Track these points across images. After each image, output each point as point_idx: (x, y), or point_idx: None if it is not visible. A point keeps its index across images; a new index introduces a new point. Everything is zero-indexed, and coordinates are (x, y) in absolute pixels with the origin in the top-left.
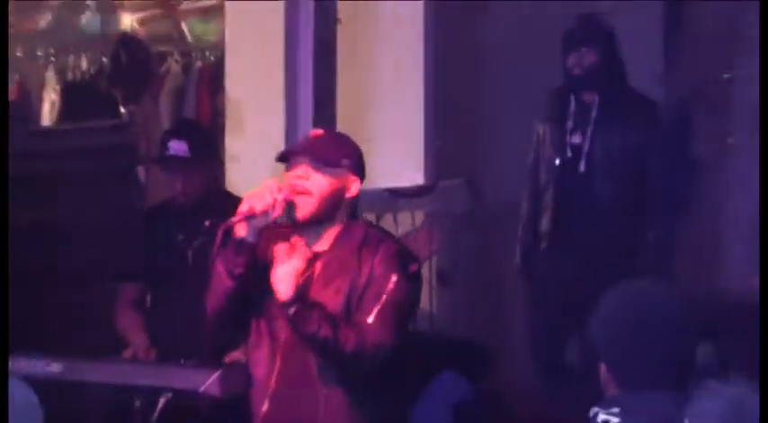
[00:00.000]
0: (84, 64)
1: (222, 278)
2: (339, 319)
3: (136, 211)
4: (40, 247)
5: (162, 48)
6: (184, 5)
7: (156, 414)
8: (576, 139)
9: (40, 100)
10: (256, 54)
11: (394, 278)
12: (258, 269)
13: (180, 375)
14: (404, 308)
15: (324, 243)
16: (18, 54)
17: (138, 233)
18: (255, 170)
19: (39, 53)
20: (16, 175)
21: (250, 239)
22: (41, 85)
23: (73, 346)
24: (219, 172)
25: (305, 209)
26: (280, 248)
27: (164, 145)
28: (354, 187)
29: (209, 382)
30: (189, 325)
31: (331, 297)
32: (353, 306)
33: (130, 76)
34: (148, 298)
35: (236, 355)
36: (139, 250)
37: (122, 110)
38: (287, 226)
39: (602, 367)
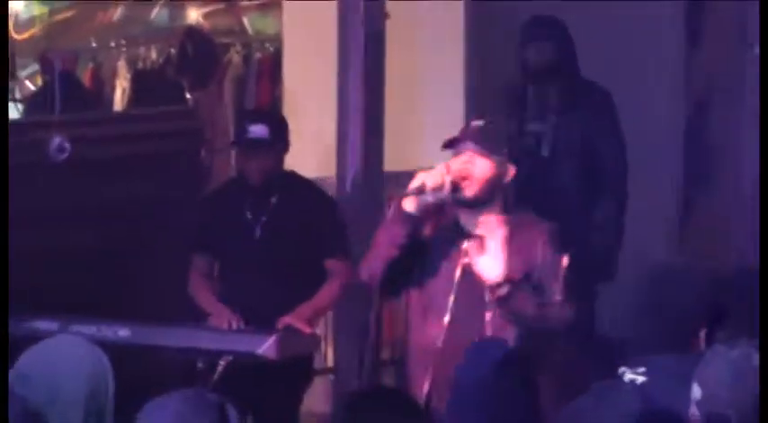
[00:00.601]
0: (153, 54)
1: (383, 247)
2: (538, 299)
3: (200, 190)
4: (120, 222)
5: (225, 40)
6: (245, 2)
7: (216, 375)
8: (536, 126)
9: (113, 87)
10: (311, 47)
11: (566, 258)
12: (418, 243)
13: (239, 339)
14: (573, 285)
15: (486, 227)
16: (92, 44)
17: (208, 209)
18: (304, 154)
19: (111, 44)
20: (96, 158)
21: (416, 214)
22: (114, 74)
23: (143, 312)
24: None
25: (470, 190)
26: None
27: (243, 129)
28: (511, 172)
29: (266, 346)
30: (255, 296)
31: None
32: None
33: (196, 66)
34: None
35: (287, 320)
36: (209, 225)
37: (188, 97)
38: (450, 206)
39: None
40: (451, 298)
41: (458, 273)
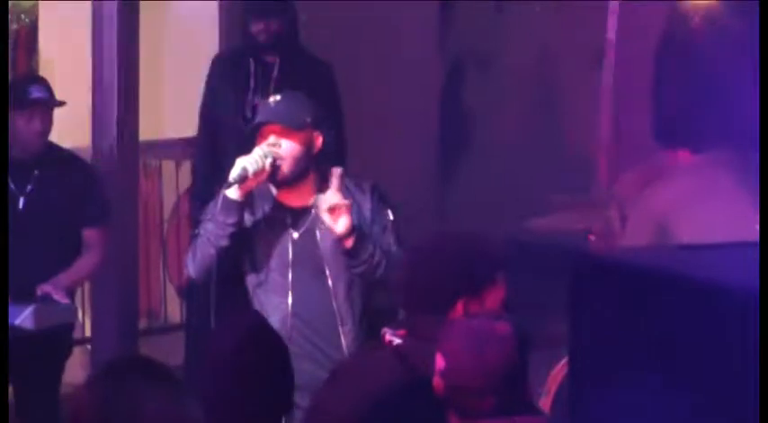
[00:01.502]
0: None
1: (214, 239)
2: (376, 249)
3: None
4: None
5: None
6: None
7: None
8: (258, 99)
9: None
10: (67, 19)
11: (391, 212)
12: (246, 228)
13: None
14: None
15: (308, 198)
16: None
17: None
18: (67, 121)
19: None
20: None
21: (241, 200)
22: None
23: None
24: None
25: (283, 171)
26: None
27: (24, 90)
28: (318, 141)
29: (22, 317)
30: (21, 268)
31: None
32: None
33: None
34: None
35: (45, 288)
36: None
37: None
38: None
39: None
40: (290, 276)
41: (290, 249)
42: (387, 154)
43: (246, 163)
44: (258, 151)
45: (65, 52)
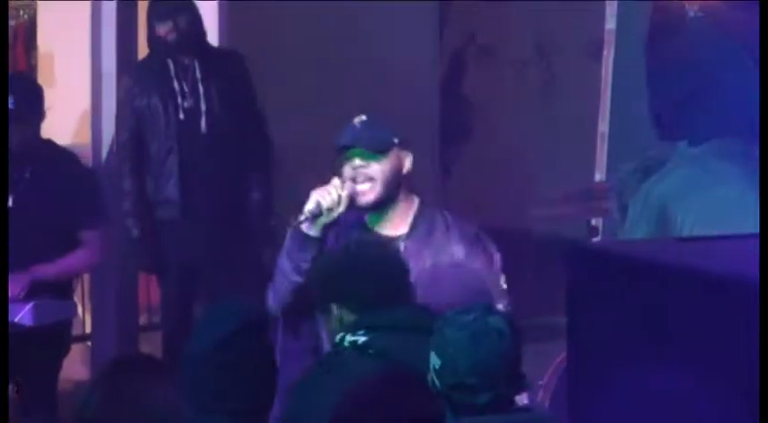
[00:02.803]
0: None
1: (288, 274)
2: None
3: None
4: None
5: None
6: None
7: None
8: (188, 102)
9: None
10: (65, 14)
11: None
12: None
13: None
14: None
15: (399, 225)
16: None
17: None
18: (66, 118)
19: None
20: None
21: (316, 235)
22: None
23: None
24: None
25: (369, 196)
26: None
27: None
28: (408, 162)
29: (22, 314)
30: (13, 267)
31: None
32: None
33: None
34: None
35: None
36: None
37: None
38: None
39: None
40: None
41: None
42: None
43: (320, 196)
44: (334, 182)
45: (63, 49)
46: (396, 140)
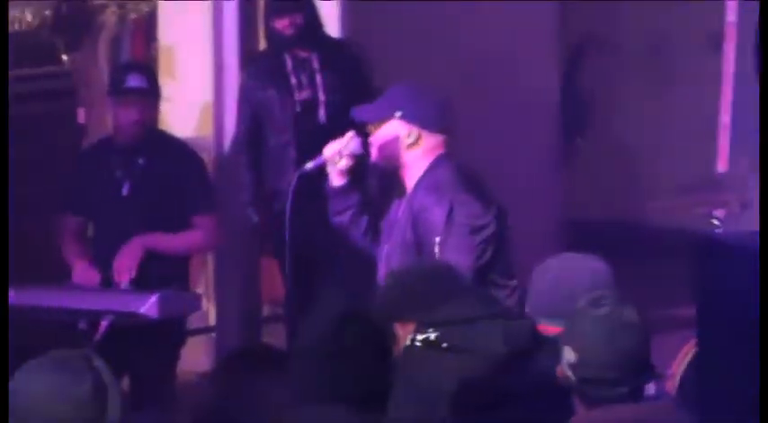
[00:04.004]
0: (28, 16)
1: (347, 225)
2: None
3: (76, 150)
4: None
5: (99, 1)
6: None
7: (98, 335)
8: (305, 94)
9: None
10: (186, 7)
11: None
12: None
13: (120, 299)
14: None
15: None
16: None
17: (78, 169)
18: (186, 110)
19: None
20: None
21: (342, 184)
22: None
23: (22, 274)
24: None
25: (371, 157)
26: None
27: (120, 79)
28: (411, 135)
29: (147, 305)
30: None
31: None
32: None
33: (71, 27)
34: (90, 229)
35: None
36: (79, 184)
37: (64, 58)
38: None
39: None
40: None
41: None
42: (509, 141)
43: (332, 148)
44: (345, 136)
45: (184, 41)
46: (398, 114)
